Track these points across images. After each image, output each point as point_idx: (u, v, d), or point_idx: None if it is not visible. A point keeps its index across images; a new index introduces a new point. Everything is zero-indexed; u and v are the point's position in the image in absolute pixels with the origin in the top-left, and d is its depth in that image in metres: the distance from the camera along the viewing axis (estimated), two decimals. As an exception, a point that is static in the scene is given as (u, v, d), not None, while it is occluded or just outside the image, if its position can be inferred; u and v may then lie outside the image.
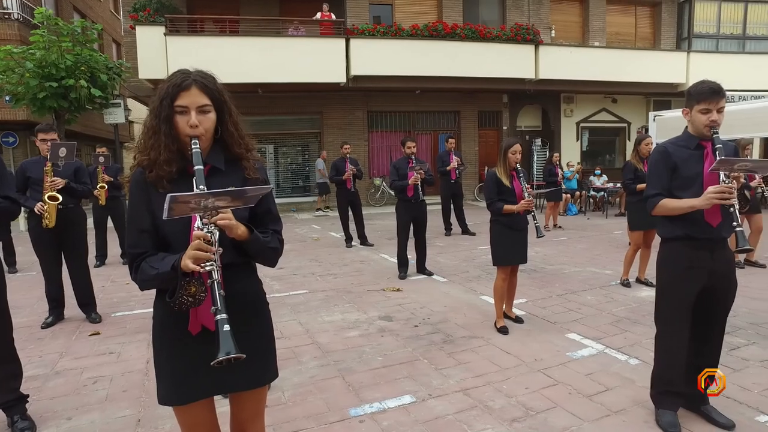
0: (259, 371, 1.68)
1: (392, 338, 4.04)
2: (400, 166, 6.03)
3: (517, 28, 14.56)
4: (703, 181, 2.52)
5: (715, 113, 2.48)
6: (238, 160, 1.66)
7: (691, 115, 2.57)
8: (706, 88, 2.50)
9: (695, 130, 2.58)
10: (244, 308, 1.61)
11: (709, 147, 2.56)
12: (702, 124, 2.51)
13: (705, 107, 2.49)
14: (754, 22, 17.31)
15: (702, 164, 2.56)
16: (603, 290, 5.32)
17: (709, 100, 2.48)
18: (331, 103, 14.82)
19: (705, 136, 2.54)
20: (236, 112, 1.67)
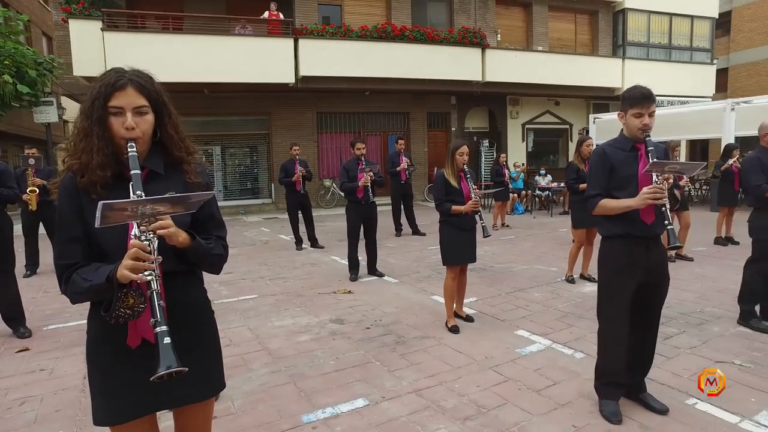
0: (205, 383, 1.60)
1: (344, 341, 4.00)
2: (350, 168, 6.00)
3: (464, 32, 14.86)
4: (638, 182, 2.65)
5: (647, 117, 2.61)
6: (178, 163, 1.58)
7: (626, 119, 2.69)
8: (638, 94, 2.63)
9: (630, 132, 2.71)
10: (187, 318, 1.54)
11: (642, 149, 2.69)
12: (635, 127, 2.64)
13: (638, 111, 2.62)
14: (678, 34, 18.51)
15: (637, 165, 2.69)
16: (549, 287, 5.50)
17: (641, 105, 2.61)
18: (280, 103, 14.57)
19: (639, 139, 2.67)
20: (176, 113, 1.59)
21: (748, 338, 3.88)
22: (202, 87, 12.84)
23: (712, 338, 3.89)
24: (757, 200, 4.08)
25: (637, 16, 17.82)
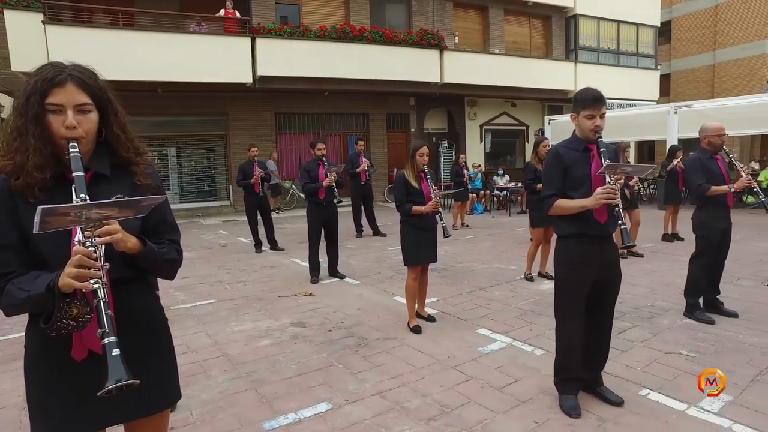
0: (159, 394, 1.53)
1: (306, 345, 3.95)
2: (311, 169, 5.92)
3: (422, 33, 14.98)
4: (591, 182, 2.73)
5: (599, 119, 2.69)
6: (126, 165, 1.50)
7: (578, 120, 2.76)
8: (590, 96, 2.71)
9: (582, 133, 2.78)
10: (138, 327, 1.46)
11: (594, 149, 2.77)
12: (588, 128, 2.71)
13: (590, 113, 2.69)
14: (625, 40, 19.35)
15: (590, 166, 2.76)
16: (509, 285, 5.60)
17: (593, 107, 2.69)
18: (237, 104, 14.27)
19: (591, 140, 2.75)
20: (123, 112, 1.50)
21: (693, 329, 4.07)
22: (156, 86, 12.42)
23: (661, 330, 4.05)
24: (698, 199, 4.28)
25: (588, 22, 18.48)
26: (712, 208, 4.23)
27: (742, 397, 2.94)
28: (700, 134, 4.39)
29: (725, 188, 4.15)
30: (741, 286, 5.35)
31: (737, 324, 4.18)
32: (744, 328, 4.08)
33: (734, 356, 3.51)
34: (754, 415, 2.73)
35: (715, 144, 4.27)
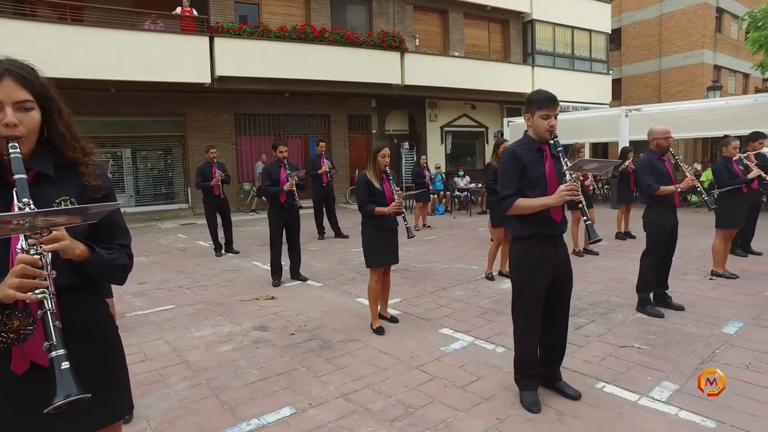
0: (110, 406, 1.46)
1: (268, 349, 3.89)
2: (273, 171, 5.86)
3: (383, 35, 15.05)
4: (546, 182, 2.80)
5: (553, 119, 2.77)
6: (73, 165, 1.42)
7: (533, 121, 2.82)
8: (545, 97, 2.78)
9: (536, 134, 2.84)
10: (86, 337, 1.39)
11: (547, 150, 2.84)
12: (543, 128, 2.77)
13: (545, 113, 2.76)
14: (579, 45, 20.03)
15: (544, 166, 2.82)
16: (470, 285, 5.69)
17: (548, 107, 2.76)
18: (196, 104, 13.93)
19: (545, 140, 2.82)
20: (68, 111, 1.42)
21: (644, 323, 4.26)
22: (108, 85, 11.96)
23: (616, 325, 4.22)
24: (648, 198, 4.49)
25: (544, 27, 19.02)
26: (661, 207, 4.44)
27: (688, 385, 3.09)
28: (649, 137, 4.59)
29: (672, 188, 4.36)
30: (686, 280, 5.63)
31: (684, 316, 4.39)
32: (689, 320, 4.29)
33: (681, 347, 3.69)
34: (698, 402, 2.88)
35: (662, 146, 4.48)
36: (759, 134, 6.48)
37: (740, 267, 6.14)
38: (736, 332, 3.98)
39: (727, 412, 2.77)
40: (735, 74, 26.94)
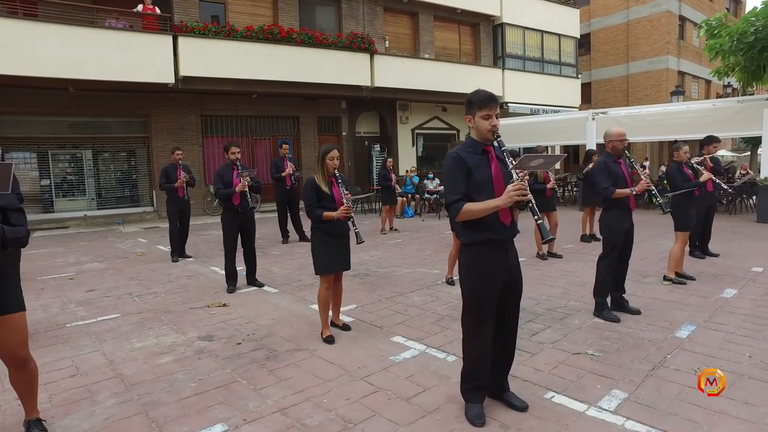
0: None
1: (210, 360, 3.70)
2: (225, 173, 5.65)
3: (352, 37, 14.92)
4: (493, 184, 2.69)
5: (495, 118, 2.66)
6: None
7: (474, 122, 2.71)
8: (485, 96, 2.67)
9: (479, 135, 2.72)
10: None
11: (492, 151, 2.74)
12: (485, 129, 2.66)
13: (486, 113, 2.65)
14: (548, 49, 20.27)
15: (490, 168, 2.71)
16: (429, 290, 5.58)
17: (489, 106, 2.65)
18: (160, 105, 13.56)
19: (489, 141, 2.71)
20: None
21: (600, 328, 4.20)
22: (66, 83, 11.52)
23: (571, 331, 4.15)
24: (604, 201, 4.45)
25: (514, 30, 19.17)
26: (616, 210, 4.41)
27: (637, 393, 3.03)
28: (605, 139, 4.57)
29: (627, 191, 4.34)
30: (645, 283, 5.63)
31: (639, 321, 4.36)
32: (645, 324, 4.26)
33: (633, 353, 3.64)
34: (645, 411, 2.82)
35: (617, 148, 4.45)
36: (713, 138, 6.57)
37: (697, 269, 6.19)
38: (688, 336, 3.96)
39: (672, 421, 2.71)
40: (698, 80, 27.71)
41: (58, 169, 13.17)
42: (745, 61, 10.53)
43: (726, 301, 4.91)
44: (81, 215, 13.04)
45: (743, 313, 4.52)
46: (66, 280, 6.52)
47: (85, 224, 12.78)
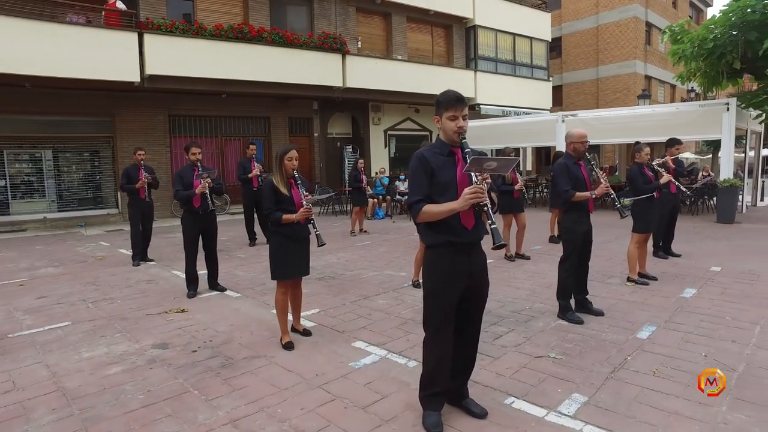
0: None
1: (162, 369, 3.54)
2: (185, 175, 5.47)
3: (324, 37, 14.80)
4: (457, 186, 2.63)
5: (461, 120, 2.60)
6: None
7: (442, 122, 2.66)
8: (452, 97, 2.62)
9: (446, 136, 2.68)
10: None
11: (459, 153, 2.68)
12: (451, 130, 2.61)
13: (452, 114, 2.60)
14: (520, 52, 20.50)
15: (455, 170, 2.66)
16: (395, 293, 5.51)
17: (456, 107, 2.60)
18: (126, 104, 13.17)
19: (455, 142, 2.65)
20: None
21: (564, 330, 4.19)
22: (22, 80, 11.07)
23: (535, 334, 4.13)
24: (564, 203, 4.45)
25: (487, 33, 19.32)
26: (575, 212, 4.41)
27: (597, 396, 3.00)
28: (566, 141, 4.57)
29: (587, 194, 4.34)
30: (609, 284, 5.67)
31: (602, 322, 4.37)
32: (607, 325, 4.27)
33: (595, 355, 3.63)
34: (604, 414, 2.79)
35: (579, 150, 4.45)
36: (675, 140, 6.68)
37: (660, 269, 6.28)
38: (649, 337, 3.98)
39: (629, 424, 2.69)
40: (663, 84, 28.46)
41: (14, 169, 12.65)
42: (705, 66, 10.82)
43: (686, 300, 4.98)
44: (40, 217, 12.55)
45: (701, 312, 4.59)
46: (16, 287, 6.22)
47: (45, 227, 12.32)
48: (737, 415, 2.77)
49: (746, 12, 9.78)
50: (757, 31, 9.72)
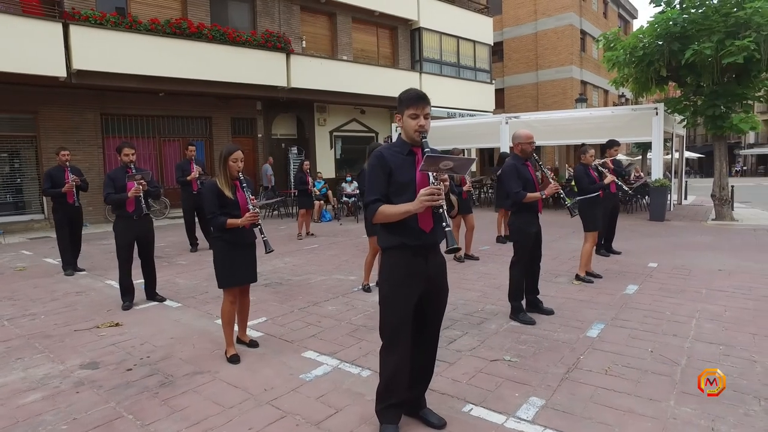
0: None
1: (92, 393, 3.21)
2: (117, 177, 5.07)
3: (268, 35, 14.40)
4: (416, 187, 2.51)
5: (422, 118, 2.50)
6: None
7: (403, 121, 2.55)
8: (414, 94, 2.51)
9: (407, 135, 2.56)
10: None
11: (419, 153, 2.57)
12: (412, 129, 2.50)
13: (413, 112, 2.49)
14: (464, 55, 20.88)
15: (414, 170, 2.54)
16: (345, 298, 5.34)
17: (416, 105, 2.49)
18: (51, 101, 12.23)
19: (416, 142, 2.54)
20: None
21: (517, 332, 4.19)
22: None
23: (489, 336, 4.09)
24: (513, 204, 4.46)
25: (431, 35, 19.52)
26: (525, 213, 4.44)
27: (554, 398, 2.98)
28: (513, 142, 4.59)
29: (537, 195, 4.37)
30: (557, 283, 5.78)
31: (553, 321, 4.41)
32: (559, 325, 4.31)
33: (549, 356, 3.64)
34: (562, 417, 2.77)
35: (526, 150, 4.48)
36: (614, 142, 6.93)
37: (603, 267, 6.48)
38: (598, 335, 4.04)
39: (587, 425, 2.68)
40: (597, 90, 29.93)
41: None
42: (636, 72, 11.39)
43: (629, 297, 5.13)
44: None
45: (644, 308, 4.74)
46: None
47: (-43, 234, 11.20)
48: (684, 408, 2.83)
49: (669, 24, 10.38)
50: (679, 42, 10.34)
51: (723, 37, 9.66)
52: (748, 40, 9.27)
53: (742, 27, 9.64)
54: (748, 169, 46.33)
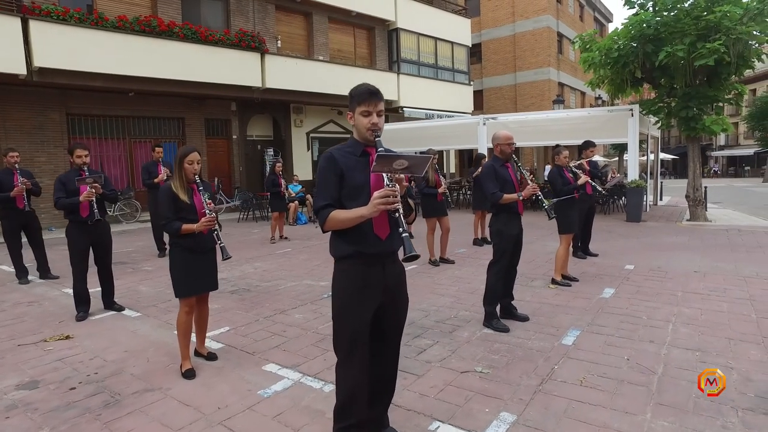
0: None
1: (25, 417, 2.94)
2: (68, 180, 4.77)
3: (241, 35, 14.09)
4: (370, 190, 2.32)
5: (375, 116, 2.30)
6: None
7: (355, 119, 2.35)
8: (365, 90, 2.31)
9: (359, 135, 2.36)
10: None
11: (374, 153, 2.38)
12: (364, 127, 2.30)
13: (365, 109, 2.29)
14: (442, 56, 20.80)
15: (368, 172, 2.35)
16: (313, 305, 5.13)
17: (368, 102, 2.29)
18: (10, 100, 11.71)
19: (369, 141, 2.35)
20: None
21: (489, 340, 4.03)
22: None
23: (460, 345, 3.92)
24: (493, 206, 4.32)
25: (409, 36, 19.39)
26: (506, 215, 4.31)
27: (525, 414, 2.82)
28: (493, 143, 4.46)
29: (515, 196, 4.23)
30: (533, 287, 5.65)
31: (528, 328, 4.27)
32: (533, 332, 4.17)
33: (522, 366, 3.48)
34: (534, 435, 2.61)
35: (505, 152, 4.35)
36: (589, 143, 6.86)
37: (580, 270, 6.39)
38: (574, 342, 3.91)
39: (560, 444, 2.52)
40: (574, 91, 30.25)
41: None
42: (612, 74, 11.45)
43: (606, 301, 5.03)
44: None
45: (620, 313, 4.64)
46: None
47: None
48: (661, 422, 2.71)
49: (643, 26, 10.46)
50: (653, 44, 10.43)
51: (695, 39, 9.76)
52: (718, 42, 9.38)
53: (712, 30, 9.75)
54: (720, 170, 47.52)
